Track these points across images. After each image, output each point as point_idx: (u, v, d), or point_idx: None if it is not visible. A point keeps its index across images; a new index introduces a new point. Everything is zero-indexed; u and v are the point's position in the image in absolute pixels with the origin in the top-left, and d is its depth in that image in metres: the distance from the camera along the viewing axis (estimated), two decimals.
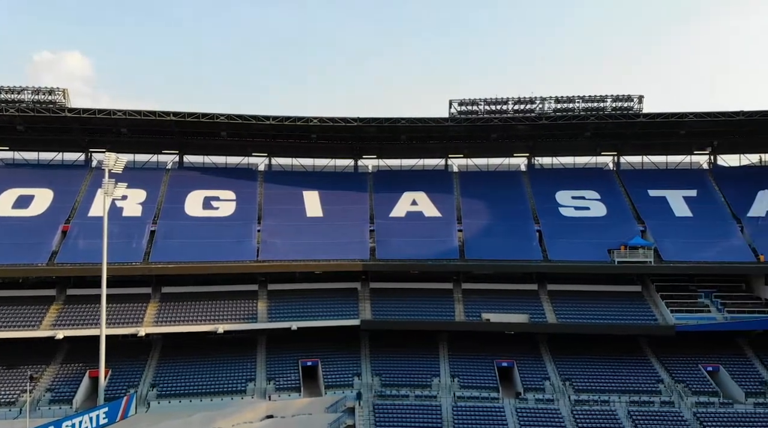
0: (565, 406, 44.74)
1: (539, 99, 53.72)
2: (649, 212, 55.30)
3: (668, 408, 44.09)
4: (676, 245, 51.56)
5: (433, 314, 50.49)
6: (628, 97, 52.45)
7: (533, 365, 48.93)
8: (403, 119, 53.93)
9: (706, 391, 45.44)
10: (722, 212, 54.75)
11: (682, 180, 58.07)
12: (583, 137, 58.62)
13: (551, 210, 56.97)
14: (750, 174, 58.17)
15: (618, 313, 50.00)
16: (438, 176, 61.93)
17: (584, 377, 47.22)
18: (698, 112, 51.00)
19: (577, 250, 52.14)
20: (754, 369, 47.51)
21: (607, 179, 60.05)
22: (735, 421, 42.66)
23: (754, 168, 59.25)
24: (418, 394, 46.00)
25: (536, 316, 50.06)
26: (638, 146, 60.11)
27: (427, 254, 52.44)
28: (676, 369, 47.60)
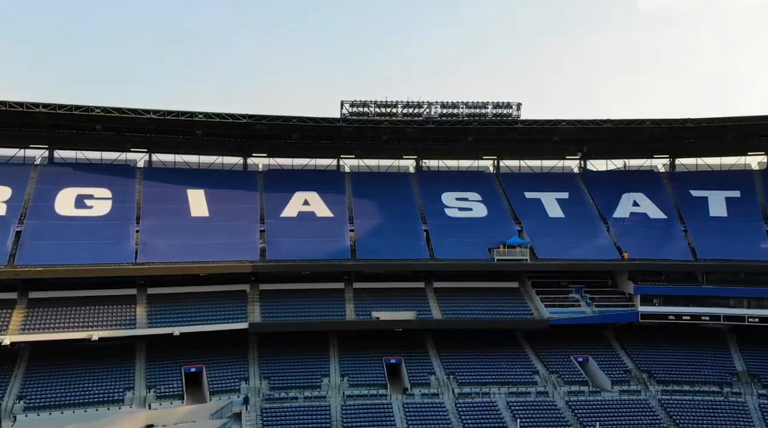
0: (449, 399, 46.45)
1: (426, 104, 55.34)
2: (525, 213, 58.68)
3: (543, 398, 47.07)
4: (549, 243, 55.05)
5: (324, 314, 50.46)
6: (507, 104, 55.38)
7: (420, 361, 50.31)
8: (294, 118, 53.42)
9: (577, 381, 48.94)
10: (591, 213, 59.23)
11: (555, 183, 62.17)
12: (466, 142, 61.12)
13: (437, 211, 58.86)
14: (615, 178, 63.40)
15: (498, 308, 52.64)
16: (330, 177, 61.98)
17: (467, 371, 49.25)
18: (570, 119, 54.80)
19: (460, 249, 54.22)
20: (619, 359, 51.84)
21: (488, 182, 63.02)
22: (603, 408, 46.29)
23: (619, 172, 64.59)
24: (308, 395, 45.81)
25: (423, 313, 51.56)
26: (516, 151, 63.59)
27: (319, 255, 52.34)
28: (550, 361, 50.88)
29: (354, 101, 54.83)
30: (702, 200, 58.18)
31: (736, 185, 58.70)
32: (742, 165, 61.04)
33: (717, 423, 44.99)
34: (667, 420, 45.34)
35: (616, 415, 45.42)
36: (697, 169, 62.22)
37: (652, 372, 49.77)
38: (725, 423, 44.98)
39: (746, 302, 50.99)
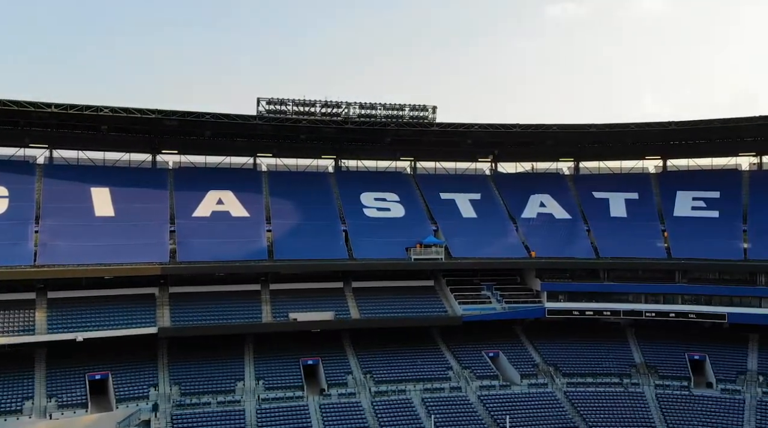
0: (366, 398, 46.77)
1: (345, 104, 55.37)
2: (441, 213, 60.03)
3: (456, 393, 48.33)
4: (463, 243, 56.62)
5: (240, 316, 49.37)
6: (423, 107, 56.38)
7: (337, 361, 50.31)
8: (207, 114, 51.87)
9: (488, 375, 50.59)
10: (501, 213, 61.42)
11: (468, 185, 63.97)
12: (384, 142, 61.72)
13: (356, 211, 59.10)
14: (524, 180, 66.10)
15: (414, 306, 53.54)
16: (246, 175, 60.73)
17: (384, 369, 49.76)
18: (482, 123, 56.55)
19: (379, 248, 54.74)
20: (527, 353, 54.05)
21: (405, 183, 63.96)
22: (512, 401, 48.10)
23: (527, 175, 67.40)
24: (221, 400, 44.71)
25: (341, 313, 51.57)
26: (432, 153, 64.93)
27: (234, 255, 51.18)
28: (463, 356, 52.32)
29: (271, 99, 53.99)
30: (603, 201, 61.67)
31: (635, 187, 62.62)
32: (641, 168, 65.24)
33: (617, 412, 47.79)
34: (571, 411, 47.79)
35: (525, 408, 47.34)
36: (599, 172, 65.93)
37: (558, 365, 52.26)
38: (625, 412, 47.82)
39: (644, 298, 54.53)
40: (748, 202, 57.83)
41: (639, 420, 46.94)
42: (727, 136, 57.71)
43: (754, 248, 53.19)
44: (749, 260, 52.75)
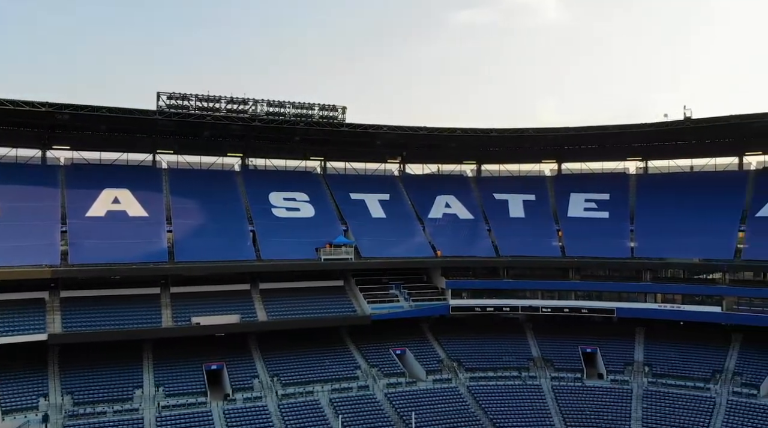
0: (273, 401, 46.10)
1: (252, 101, 54.23)
2: (350, 213, 60.28)
3: (364, 392, 48.69)
4: (372, 243, 57.18)
5: (138, 321, 47.11)
6: (333, 107, 56.30)
7: (243, 365, 49.26)
8: (103, 108, 49.06)
9: (395, 373, 51.36)
10: (409, 213, 62.58)
11: (378, 185, 64.73)
12: (293, 142, 61.08)
13: (264, 211, 58.11)
14: (430, 181, 67.68)
15: (323, 307, 53.39)
16: (145, 173, 58.09)
17: (291, 371, 49.25)
18: (391, 125, 57.33)
19: (288, 249, 54.16)
20: (433, 349, 55.38)
21: (315, 182, 63.68)
22: (418, 397, 49.10)
23: (433, 176, 69.04)
24: (118, 409, 42.54)
25: (248, 315, 50.51)
26: (342, 153, 65.13)
27: (132, 257, 48.77)
28: (371, 355, 52.82)
29: (172, 94, 51.86)
30: (503, 202, 64.32)
31: (532, 189, 65.77)
32: (538, 171, 68.61)
33: (516, 404, 49.96)
34: (474, 405, 49.48)
35: (430, 403, 48.47)
36: (500, 174, 68.69)
37: (462, 360, 53.96)
38: (523, 404, 50.08)
39: (540, 294, 57.41)
40: (635, 204, 62.21)
41: (536, 412, 49.32)
42: (616, 142, 61.80)
43: (640, 247, 57.27)
44: (636, 258, 56.75)
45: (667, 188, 61.74)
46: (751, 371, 49.08)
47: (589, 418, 48.48)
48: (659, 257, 55.68)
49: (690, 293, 53.95)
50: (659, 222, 57.88)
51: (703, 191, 59.41)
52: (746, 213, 56.04)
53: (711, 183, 60.36)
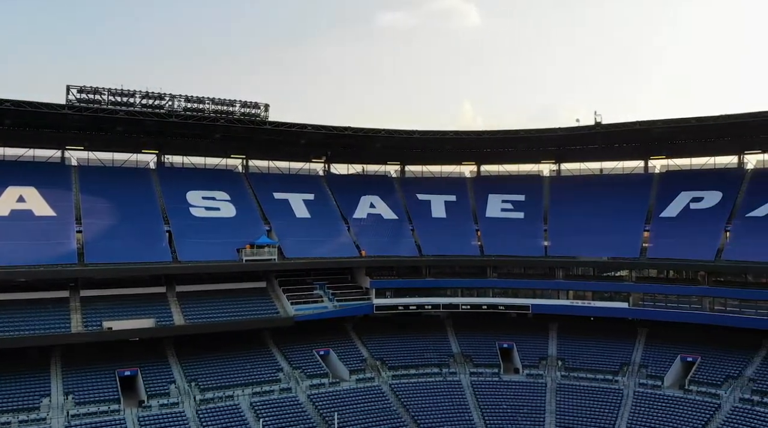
0: (191, 407, 44.73)
1: (169, 96, 52.35)
2: (274, 213, 59.41)
3: (286, 395, 48.14)
4: (296, 243, 56.61)
5: (45, 327, 44.44)
6: (255, 104, 55.25)
7: (159, 370, 47.55)
8: (7, 101, 45.90)
9: (318, 374, 51.11)
10: (334, 213, 62.42)
11: (302, 185, 64.15)
12: (213, 139, 59.47)
13: (182, 210, 56.24)
14: (355, 181, 67.82)
15: (245, 309, 52.31)
16: (53, 170, 54.90)
17: (211, 376, 47.98)
18: (315, 124, 56.90)
19: (207, 250, 52.65)
20: (356, 349, 55.55)
21: (236, 181, 62.29)
22: (341, 397, 49.09)
23: (358, 176, 69.22)
24: (23, 419, 40.12)
25: (164, 319, 48.71)
26: (265, 151, 64.01)
27: (38, 259, 45.87)
28: (294, 357, 52.32)
29: (83, 87, 49.22)
30: (426, 203, 65.43)
31: (453, 190, 67.24)
32: (458, 173, 70.26)
33: (437, 400, 50.94)
34: (396, 403, 50.05)
35: (353, 403, 48.60)
36: (423, 175, 69.82)
37: (385, 359, 54.46)
38: (443, 400, 51.14)
39: (460, 292, 58.83)
40: (548, 205, 64.85)
41: (456, 407, 50.51)
42: (531, 145, 64.25)
43: (553, 246, 59.75)
44: (549, 256, 59.20)
45: (579, 190, 64.79)
46: (655, 363, 52.33)
47: (505, 412, 50.16)
48: (571, 256, 58.42)
49: (599, 290, 56.94)
50: (571, 222, 60.65)
51: (611, 193, 62.70)
52: (651, 214, 59.65)
53: (619, 185, 63.81)
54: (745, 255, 50.76)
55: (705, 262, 52.64)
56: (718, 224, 54.96)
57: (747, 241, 51.95)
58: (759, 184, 57.17)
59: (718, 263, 52.09)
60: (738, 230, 53.77)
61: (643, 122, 54.85)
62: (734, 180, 58.70)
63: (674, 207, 58.58)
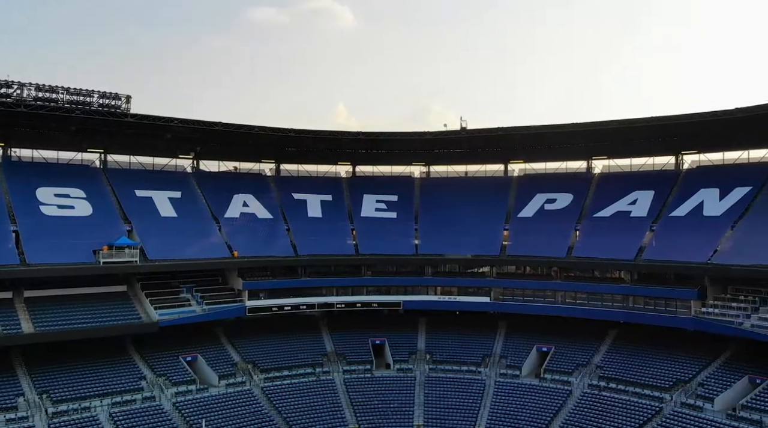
0: (42, 421, 41.14)
1: (17, 84, 47.72)
2: (135, 212, 56.04)
3: (150, 403, 45.69)
4: (161, 243, 53.82)
5: None
6: (116, 95, 51.79)
7: (5, 382, 43.30)
8: None
9: (184, 380, 49.05)
10: (204, 213, 60.13)
11: (168, 182, 61.14)
12: (68, 132, 54.92)
13: (31, 209, 51.52)
14: (228, 179, 65.86)
15: (103, 315, 48.83)
16: None
17: (64, 387, 44.44)
18: (183, 118, 54.35)
19: (60, 252, 48.61)
20: (227, 353, 53.97)
21: (94, 177, 58.00)
22: (210, 404, 47.44)
23: (231, 174, 67.27)
24: None
25: (10, 327, 44.26)
26: (127, 146, 60.07)
27: None
28: (158, 364, 49.79)
29: None
30: (302, 202, 65.07)
31: (330, 189, 67.49)
32: (334, 173, 70.58)
33: (310, 401, 50.81)
34: (268, 406, 49.31)
35: (222, 409, 47.20)
36: (299, 174, 69.35)
37: (257, 362, 53.47)
38: (317, 399, 51.12)
39: (335, 291, 59.18)
40: (419, 205, 67.14)
41: (329, 405, 50.78)
42: (403, 147, 66.14)
43: (423, 244, 61.93)
44: (419, 254, 61.28)
45: (446, 191, 67.73)
46: (514, 354, 55.98)
47: (377, 407, 51.28)
48: (439, 254, 60.92)
49: (464, 286, 59.98)
50: (439, 222, 63.32)
51: (475, 194, 66.12)
52: (510, 214, 63.70)
53: (482, 187, 67.45)
54: (593, 252, 55.79)
55: (558, 259, 57.22)
56: (570, 223, 59.89)
57: (594, 239, 57.07)
58: (605, 187, 63.06)
59: (569, 260, 56.78)
60: (586, 229, 58.93)
61: (503, 128, 58.48)
62: (583, 183, 64.31)
63: (531, 208, 63.04)
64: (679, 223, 54.28)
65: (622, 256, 53.77)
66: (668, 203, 57.31)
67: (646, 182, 60.54)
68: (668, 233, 53.73)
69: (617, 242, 54.85)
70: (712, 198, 54.58)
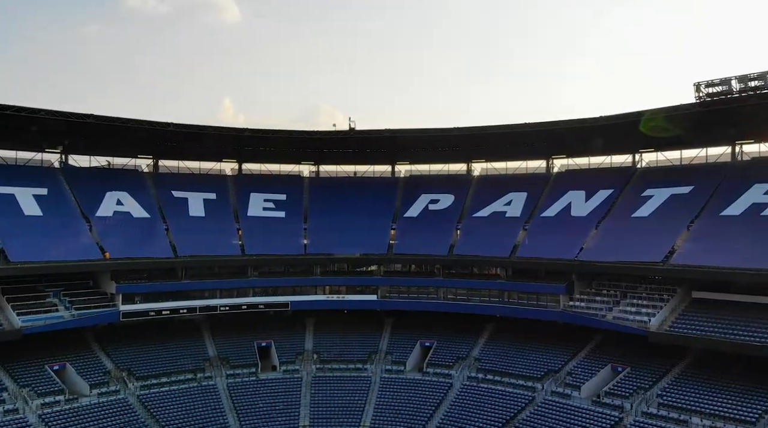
0: None
1: None
2: None
3: (12, 416, 42.04)
4: (24, 245, 49.50)
5: None
6: None
7: None
8: None
9: (51, 391, 45.49)
10: (73, 211, 55.98)
11: (33, 178, 56.27)
12: None
13: None
14: (100, 176, 61.63)
15: None
16: None
17: None
18: (50, 110, 50.21)
19: None
20: (99, 361, 50.64)
21: None
22: (80, 414, 44.44)
23: (103, 170, 62.99)
24: None
25: None
26: None
27: None
28: (21, 374, 45.85)
29: None
30: (183, 200, 62.38)
31: (213, 187, 65.26)
32: (219, 170, 68.42)
33: (190, 408, 48.94)
34: (144, 415, 46.90)
35: (93, 419, 44.35)
36: (180, 171, 66.49)
37: (132, 369, 50.64)
38: (198, 406, 49.34)
39: (219, 293, 57.41)
40: (308, 204, 66.82)
41: (211, 412, 49.21)
42: (292, 146, 65.44)
43: (312, 244, 61.71)
44: (308, 254, 60.97)
45: (336, 191, 67.97)
46: (399, 350, 57.30)
47: (262, 410, 50.44)
48: (328, 253, 61.01)
49: (352, 284, 60.55)
50: (328, 221, 63.35)
51: (364, 194, 67.01)
52: (397, 214, 65.18)
53: (371, 187, 68.48)
54: (472, 250, 58.47)
55: (440, 256, 59.36)
56: (451, 223, 62.30)
57: (473, 238, 59.78)
58: (483, 188, 66.23)
59: (451, 258, 59.09)
60: (466, 229, 61.57)
61: (389, 130, 59.80)
62: (464, 185, 67.17)
63: (416, 208, 64.91)
64: (549, 223, 58.20)
65: (499, 254, 56.82)
66: (540, 204, 61.27)
67: (520, 185, 64.34)
68: (540, 232, 57.43)
69: (494, 240, 57.88)
70: (578, 200, 59.02)
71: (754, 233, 45.54)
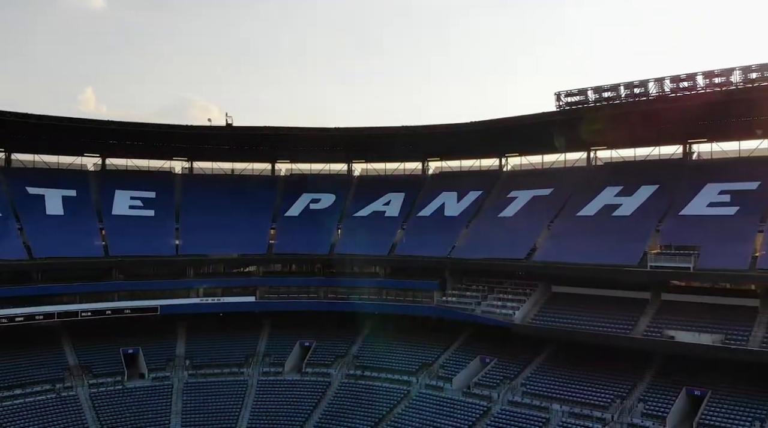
0: None
1: None
2: None
3: None
4: None
5: None
6: None
7: None
8: None
9: None
10: None
11: None
12: None
13: None
14: None
15: None
16: None
17: None
18: None
19: None
20: None
21: None
22: None
23: None
24: None
25: None
26: None
27: None
28: None
29: None
30: (39, 197, 57.26)
31: (74, 184, 60.44)
32: (79, 165, 63.47)
33: (49, 421, 45.37)
34: None
35: None
36: (35, 166, 60.92)
37: None
38: (57, 419, 45.83)
39: (79, 298, 53.28)
40: (180, 202, 63.74)
41: (72, 424, 45.89)
42: (162, 140, 61.89)
43: (185, 244, 59.06)
44: (180, 255, 58.28)
45: (211, 189, 65.43)
46: (277, 351, 56.48)
47: (129, 420, 47.67)
48: (202, 254, 58.77)
49: (229, 286, 58.85)
50: (203, 220, 60.82)
51: (242, 193, 65.22)
52: (277, 213, 64.17)
53: (249, 185, 66.75)
54: (353, 249, 58.91)
55: (321, 256, 59.36)
56: (333, 222, 62.52)
57: (354, 237, 60.30)
58: (363, 189, 67.12)
59: (332, 256, 59.27)
60: (347, 228, 62.08)
61: (269, 127, 58.66)
62: (345, 185, 67.65)
63: (297, 207, 64.35)
64: (425, 222, 60.19)
65: (378, 252, 57.89)
66: (416, 204, 63.18)
67: (398, 185, 65.97)
68: (416, 231, 59.26)
69: (374, 239, 58.83)
70: (451, 200, 61.57)
71: (605, 232, 49.94)
